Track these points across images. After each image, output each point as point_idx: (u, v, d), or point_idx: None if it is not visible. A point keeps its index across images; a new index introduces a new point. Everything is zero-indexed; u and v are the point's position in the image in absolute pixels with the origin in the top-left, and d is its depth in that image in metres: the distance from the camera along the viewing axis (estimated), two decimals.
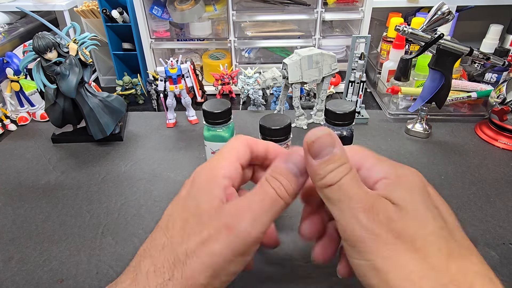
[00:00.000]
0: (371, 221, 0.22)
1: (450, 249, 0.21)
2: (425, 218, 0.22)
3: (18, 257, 0.48)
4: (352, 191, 0.23)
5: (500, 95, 0.69)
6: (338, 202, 0.23)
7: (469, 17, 1.04)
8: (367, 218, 0.22)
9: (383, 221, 0.22)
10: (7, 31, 0.92)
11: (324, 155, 0.24)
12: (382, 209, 0.22)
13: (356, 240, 0.22)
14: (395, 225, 0.21)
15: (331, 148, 0.24)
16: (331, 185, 0.24)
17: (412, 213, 0.22)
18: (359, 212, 0.22)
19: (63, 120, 0.70)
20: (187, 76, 0.75)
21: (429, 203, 0.24)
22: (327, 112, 0.54)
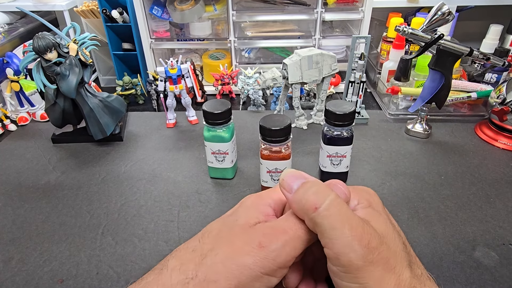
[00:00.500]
0: (365, 250, 0.23)
1: (409, 261, 0.25)
2: (395, 241, 0.25)
3: (18, 258, 0.48)
4: (343, 215, 0.24)
5: (500, 95, 0.69)
6: (330, 230, 0.24)
7: (469, 17, 1.05)
8: (362, 249, 0.23)
9: (373, 248, 0.23)
10: (7, 31, 0.92)
11: (296, 186, 0.26)
12: (371, 237, 0.24)
13: (351, 267, 0.23)
14: (381, 252, 0.24)
15: (301, 178, 0.26)
16: (317, 207, 0.24)
17: (388, 238, 0.25)
18: (354, 241, 0.23)
19: (63, 120, 0.70)
20: (187, 76, 0.75)
21: (392, 224, 0.27)
22: (327, 113, 0.54)
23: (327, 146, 0.57)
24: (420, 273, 0.25)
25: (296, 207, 0.25)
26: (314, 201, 0.24)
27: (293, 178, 0.26)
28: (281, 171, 0.54)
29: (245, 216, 0.27)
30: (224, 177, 0.62)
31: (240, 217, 0.27)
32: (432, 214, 0.54)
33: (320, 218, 0.24)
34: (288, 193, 0.26)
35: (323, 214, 0.24)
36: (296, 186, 0.26)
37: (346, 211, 0.24)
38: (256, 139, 0.71)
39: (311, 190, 0.25)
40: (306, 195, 0.25)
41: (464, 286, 0.43)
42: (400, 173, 0.63)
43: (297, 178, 0.26)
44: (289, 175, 0.26)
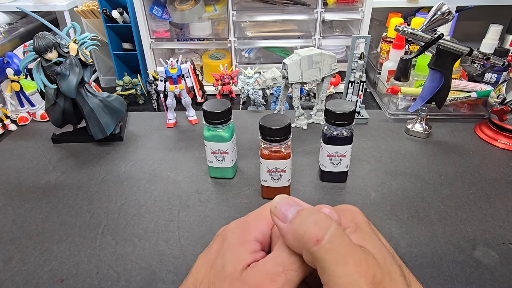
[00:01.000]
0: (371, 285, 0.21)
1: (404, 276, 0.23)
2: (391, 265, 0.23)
3: (18, 257, 0.48)
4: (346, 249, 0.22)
5: (499, 95, 0.69)
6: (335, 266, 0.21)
7: (469, 17, 1.05)
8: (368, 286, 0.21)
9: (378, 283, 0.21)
10: (7, 31, 0.92)
11: (291, 215, 0.23)
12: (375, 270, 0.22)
13: None
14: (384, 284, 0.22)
15: (295, 206, 0.23)
16: (319, 240, 0.21)
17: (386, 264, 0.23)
18: (360, 279, 0.21)
19: (63, 120, 0.71)
20: (187, 76, 0.75)
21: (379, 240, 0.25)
22: (327, 112, 0.54)
23: (327, 145, 0.57)
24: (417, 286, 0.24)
25: (291, 239, 0.22)
26: (314, 232, 0.21)
27: (287, 205, 0.23)
28: (281, 171, 0.54)
29: (233, 261, 0.25)
30: (224, 177, 0.62)
31: (227, 262, 0.25)
32: (432, 213, 0.54)
33: (322, 253, 0.21)
34: (282, 222, 0.23)
35: (326, 248, 0.21)
36: (291, 215, 0.23)
37: (349, 243, 0.22)
38: (256, 139, 0.72)
39: (310, 219, 0.22)
40: (305, 226, 0.22)
41: (464, 286, 0.43)
42: (400, 173, 0.63)
43: (292, 205, 0.23)
44: (282, 202, 0.23)
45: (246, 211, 0.55)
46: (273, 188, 0.56)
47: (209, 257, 0.27)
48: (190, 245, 0.50)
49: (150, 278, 0.45)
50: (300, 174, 0.63)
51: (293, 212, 0.23)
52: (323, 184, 0.61)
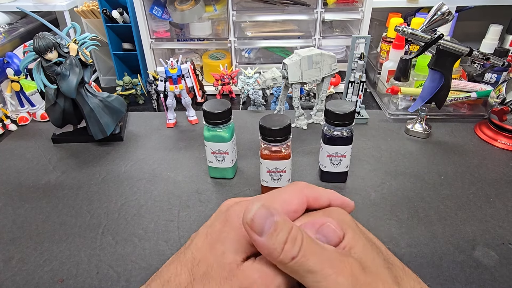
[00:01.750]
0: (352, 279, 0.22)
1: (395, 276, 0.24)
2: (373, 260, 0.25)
3: (18, 257, 0.48)
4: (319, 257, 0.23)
5: (499, 95, 0.69)
6: (311, 273, 0.22)
7: (469, 17, 1.05)
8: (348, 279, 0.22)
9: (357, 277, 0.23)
10: (8, 31, 0.92)
11: (268, 228, 0.23)
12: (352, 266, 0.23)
13: None
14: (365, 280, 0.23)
15: (270, 217, 0.23)
16: (294, 257, 0.22)
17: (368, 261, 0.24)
18: (338, 277, 0.22)
19: (63, 120, 0.71)
20: (187, 76, 0.75)
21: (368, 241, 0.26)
22: (327, 113, 0.54)
23: (327, 146, 0.57)
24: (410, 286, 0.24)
25: (267, 255, 0.23)
26: (289, 250, 0.22)
27: (263, 217, 0.23)
28: (281, 171, 0.54)
29: (234, 250, 0.25)
30: (224, 177, 0.62)
31: (227, 249, 0.25)
32: (432, 214, 0.54)
33: (296, 266, 0.22)
34: (257, 236, 0.23)
35: (300, 262, 0.22)
36: (267, 228, 0.23)
37: (321, 250, 0.23)
38: (256, 139, 0.72)
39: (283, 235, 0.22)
40: (279, 243, 0.22)
41: (464, 286, 0.43)
42: (400, 173, 0.63)
43: (267, 216, 0.23)
44: (258, 215, 0.23)
45: None
46: (273, 188, 0.56)
47: (211, 237, 0.26)
48: None
49: None
50: (300, 174, 0.63)
51: (269, 225, 0.23)
52: (323, 184, 0.61)
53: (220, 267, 0.25)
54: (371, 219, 0.53)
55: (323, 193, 0.29)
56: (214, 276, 0.24)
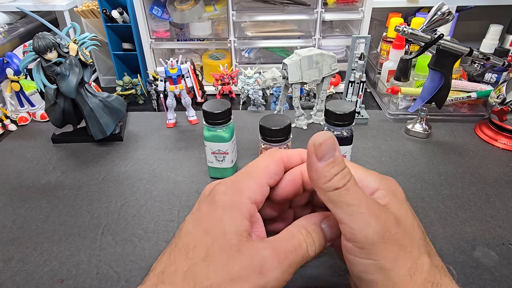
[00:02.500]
0: (382, 228, 0.24)
1: (427, 250, 0.26)
2: (413, 227, 0.26)
3: (18, 257, 0.48)
4: (360, 196, 0.24)
5: (500, 95, 0.69)
6: (347, 206, 0.24)
7: (469, 17, 1.05)
8: (379, 225, 0.24)
9: (390, 227, 0.24)
10: (7, 31, 0.92)
11: (327, 158, 0.25)
12: (388, 218, 0.24)
13: (367, 243, 0.24)
14: (396, 233, 0.24)
15: (333, 151, 0.25)
16: (337, 188, 0.24)
17: (406, 223, 0.25)
18: (371, 218, 0.24)
19: (63, 120, 0.71)
20: (187, 76, 0.75)
21: (412, 213, 0.28)
22: (327, 113, 0.54)
23: None
24: (440, 265, 0.25)
25: (315, 179, 0.25)
26: (336, 182, 0.24)
27: (329, 147, 0.25)
28: None
29: (234, 229, 0.25)
30: (224, 177, 0.62)
31: (227, 229, 0.25)
32: (432, 214, 0.54)
33: (336, 196, 0.24)
34: (316, 160, 0.25)
35: (341, 193, 0.24)
36: (327, 157, 0.24)
37: (363, 194, 0.25)
38: (256, 139, 0.72)
39: (337, 169, 0.24)
40: (330, 174, 0.24)
41: (464, 286, 0.43)
42: (400, 173, 0.63)
43: (333, 147, 0.25)
44: (327, 143, 0.25)
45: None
46: None
47: (201, 221, 0.26)
48: None
49: None
50: None
51: (329, 156, 0.25)
52: None
53: (223, 248, 0.24)
54: None
55: (294, 152, 0.30)
56: (218, 257, 0.24)
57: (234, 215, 0.26)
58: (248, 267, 0.23)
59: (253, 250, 0.24)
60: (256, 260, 0.24)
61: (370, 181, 0.28)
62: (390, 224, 0.24)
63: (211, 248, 0.25)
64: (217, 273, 0.23)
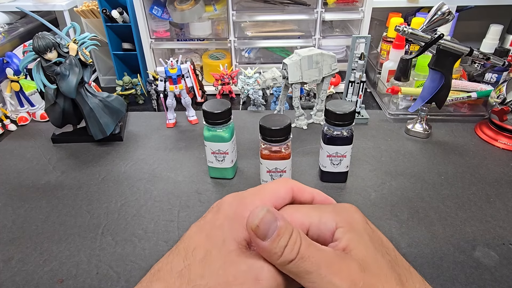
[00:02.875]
0: (348, 283, 0.23)
1: (400, 277, 0.25)
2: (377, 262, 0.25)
3: (18, 257, 0.48)
4: (316, 259, 0.24)
5: (500, 95, 0.69)
6: (307, 274, 0.23)
7: (469, 17, 1.04)
8: (344, 283, 0.23)
9: (356, 281, 0.23)
10: (7, 31, 0.92)
11: (271, 233, 0.24)
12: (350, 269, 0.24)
13: None
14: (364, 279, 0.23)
15: (274, 223, 0.24)
16: (292, 260, 0.23)
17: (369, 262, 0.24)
18: (332, 277, 0.23)
19: (63, 120, 0.70)
20: (187, 76, 0.75)
21: (375, 241, 0.26)
22: (327, 113, 0.54)
23: (327, 146, 0.57)
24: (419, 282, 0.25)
25: (267, 257, 0.24)
26: (288, 254, 0.23)
27: (268, 223, 0.24)
28: (281, 171, 0.54)
29: (234, 236, 0.25)
30: (224, 177, 0.62)
31: (227, 236, 0.25)
32: (432, 214, 0.54)
33: (295, 268, 0.23)
34: (260, 241, 0.24)
35: (297, 264, 0.23)
36: (270, 233, 0.24)
37: (318, 252, 0.24)
38: (256, 139, 0.71)
39: (284, 240, 0.24)
40: (280, 248, 0.23)
41: (464, 286, 0.43)
42: (400, 173, 0.63)
43: (271, 222, 0.24)
44: (264, 221, 0.24)
45: None
46: None
47: (204, 227, 0.27)
48: None
49: None
50: (300, 174, 0.63)
51: (272, 231, 0.24)
52: (323, 184, 0.61)
53: (221, 252, 0.25)
54: (371, 219, 0.52)
55: (307, 187, 0.30)
56: (215, 260, 0.24)
57: (236, 225, 0.26)
58: (245, 272, 0.24)
59: (251, 258, 0.24)
60: (253, 268, 0.24)
61: (327, 222, 0.26)
62: (354, 276, 0.23)
63: (209, 252, 0.25)
64: (213, 274, 0.24)
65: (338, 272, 0.23)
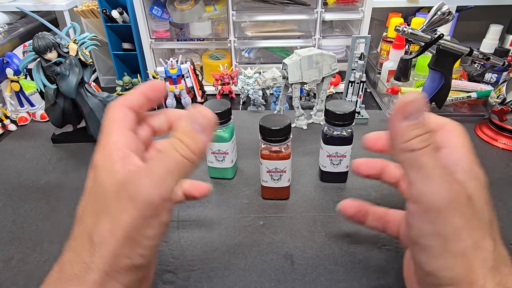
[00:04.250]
0: (453, 196, 0.23)
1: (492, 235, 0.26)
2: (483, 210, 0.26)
3: (18, 257, 0.48)
4: (436, 163, 0.24)
5: (500, 95, 0.69)
6: (420, 168, 0.24)
7: (469, 17, 1.05)
8: (450, 193, 0.23)
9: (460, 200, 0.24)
10: (7, 31, 0.92)
11: (413, 118, 0.25)
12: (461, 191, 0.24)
13: (433, 207, 0.23)
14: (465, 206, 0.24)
15: (420, 114, 0.25)
16: (414, 150, 0.24)
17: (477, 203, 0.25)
18: (443, 184, 0.23)
19: (63, 120, 0.70)
20: (187, 76, 0.75)
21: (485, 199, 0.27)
22: (327, 113, 0.54)
23: (327, 146, 0.57)
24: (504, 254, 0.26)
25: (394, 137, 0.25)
26: (414, 144, 0.24)
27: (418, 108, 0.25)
28: (281, 171, 0.54)
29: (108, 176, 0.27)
30: (224, 177, 0.62)
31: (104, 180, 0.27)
32: None
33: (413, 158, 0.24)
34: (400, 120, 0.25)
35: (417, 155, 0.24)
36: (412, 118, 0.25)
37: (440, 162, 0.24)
38: (256, 139, 0.71)
39: (419, 131, 0.24)
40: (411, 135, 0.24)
41: None
42: None
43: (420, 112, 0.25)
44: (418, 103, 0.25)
45: (246, 211, 0.55)
46: (273, 188, 0.56)
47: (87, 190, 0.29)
48: (190, 245, 0.50)
49: None
50: (300, 174, 0.63)
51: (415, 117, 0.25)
52: (323, 184, 0.61)
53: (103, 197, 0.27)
54: None
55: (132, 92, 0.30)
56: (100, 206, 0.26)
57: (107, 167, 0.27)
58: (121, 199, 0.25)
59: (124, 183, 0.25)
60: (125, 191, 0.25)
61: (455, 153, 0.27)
62: (461, 197, 0.24)
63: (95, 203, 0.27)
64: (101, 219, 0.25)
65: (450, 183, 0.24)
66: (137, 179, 0.24)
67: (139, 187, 0.24)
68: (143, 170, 0.25)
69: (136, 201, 0.24)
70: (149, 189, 0.24)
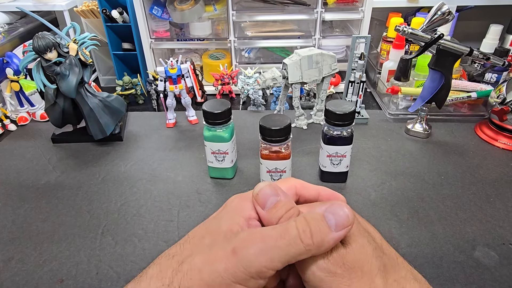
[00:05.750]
0: (327, 262, 0.24)
1: (385, 265, 0.25)
2: (364, 246, 0.25)
3: (18, 257, 0.48)
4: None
5: (500, 95, 0.69)
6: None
7: (469, 17, 1.04)
8: (323, 260, 0.24)
9: (336, 259, 0.24)
10: (7, 31, 0.92)
11: (270, 204, 0.26)
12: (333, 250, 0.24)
13: (316, 281, 0.24)
14: (345, 260, 0.24)
15: (275, 197, 0.26)
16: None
17: (354, 244, 0.25)
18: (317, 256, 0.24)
19: (63, 120, 0.70)
20: (187, 76, 0.75)
21: (361, 229, 0.27)
22: (327, 113, 0.54)
23: (327, 146, 0.57)
24: (400, 276, 0.24)
25: (266, 225, 0.26)
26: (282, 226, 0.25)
27: (267, 195, 0.26)
28: (281, 171, 0.54)
29: (228, 221, 0.26)
30: (224, 177, 0.62)
31: (222, 222, 0.27)
32: (432, 214, 0.54)
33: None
34: (261, 209, 0.26)
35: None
36: (269, 204, 0.26)
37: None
38: (256, 139, 0.71)
39: (280, 212, 0.25)
40: (275, 218, 0.25)
41: (464, 286, 0.43)
42: (400, 173, 0.63)
43: (272, 194, 0.26)
44: (263, 191, 0.26)
45: None
46: None
47: (206, 222, 0.29)
48: None
49: None
50: (300, 174, 0.63)
51: (272, 202, 0.26)
52: (323, 184, 0.61)
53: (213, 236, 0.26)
54: (371, 219, 0.53)
55: (311, 185, 0.31)
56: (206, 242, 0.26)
57: (233, 215, 0.27)
58: (225, 249, 0.24)
59: (235, 236, 0.25)
60: (232, 243, 0.24)
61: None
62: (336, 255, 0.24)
63: (202, 238, 0.27)
64: (199, 255, 0.25)
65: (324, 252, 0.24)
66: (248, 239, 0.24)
67: (246, 247, 0.24)
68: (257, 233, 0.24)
69: (236, 257, 0.23)
70: (253, 254, 0.23)
